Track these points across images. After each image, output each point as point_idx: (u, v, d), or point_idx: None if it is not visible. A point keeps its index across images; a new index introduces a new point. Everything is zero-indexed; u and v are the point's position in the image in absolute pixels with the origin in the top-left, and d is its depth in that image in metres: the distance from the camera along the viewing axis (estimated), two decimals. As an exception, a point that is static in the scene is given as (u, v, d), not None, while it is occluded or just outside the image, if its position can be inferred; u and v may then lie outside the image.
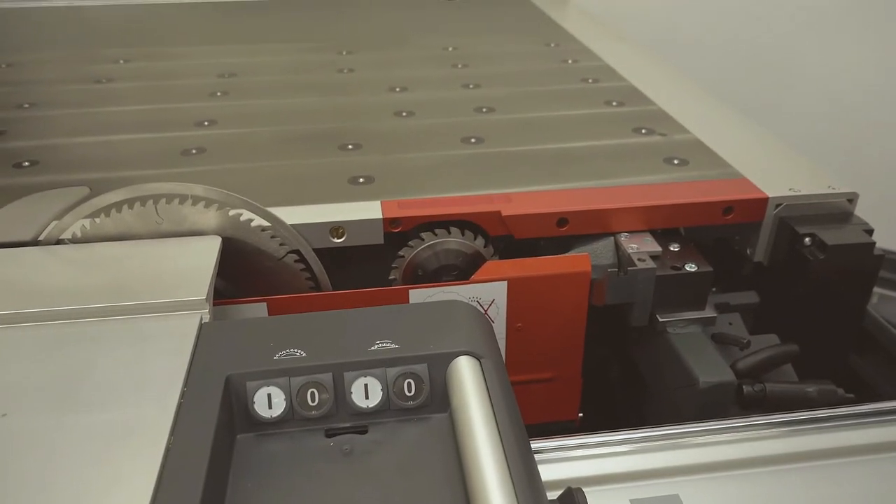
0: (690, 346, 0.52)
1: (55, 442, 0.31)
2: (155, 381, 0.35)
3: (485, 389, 0.35)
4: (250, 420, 0.35)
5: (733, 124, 0.72)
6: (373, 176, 0.59)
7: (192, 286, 0.41)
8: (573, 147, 0.65)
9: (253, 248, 0.49)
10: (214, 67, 0.86)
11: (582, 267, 0.52)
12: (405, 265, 0.54)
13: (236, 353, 0.36)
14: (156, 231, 0.47)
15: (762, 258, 0.58)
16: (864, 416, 0.44)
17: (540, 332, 0.54)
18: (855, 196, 0.57)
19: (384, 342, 0.37)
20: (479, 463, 0.31)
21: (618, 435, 0.42)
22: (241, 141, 0.67)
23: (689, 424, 0.43)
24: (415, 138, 0.67)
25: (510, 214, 0.54)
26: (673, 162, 0.62)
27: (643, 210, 0.55)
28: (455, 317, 0.39)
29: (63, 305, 0.40)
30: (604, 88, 0.80)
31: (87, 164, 0.62)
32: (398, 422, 0.36)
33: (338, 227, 0.52)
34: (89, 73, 0.85)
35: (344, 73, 0.85)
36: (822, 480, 0.40)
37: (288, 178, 0.59)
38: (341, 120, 0.72)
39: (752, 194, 0.57)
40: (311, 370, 0.35)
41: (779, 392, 0.50)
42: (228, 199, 0.48)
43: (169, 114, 0.73)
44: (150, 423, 0.32)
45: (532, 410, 0.57)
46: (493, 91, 0.79)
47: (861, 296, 0.56)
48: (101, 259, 0.45)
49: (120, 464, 0.30)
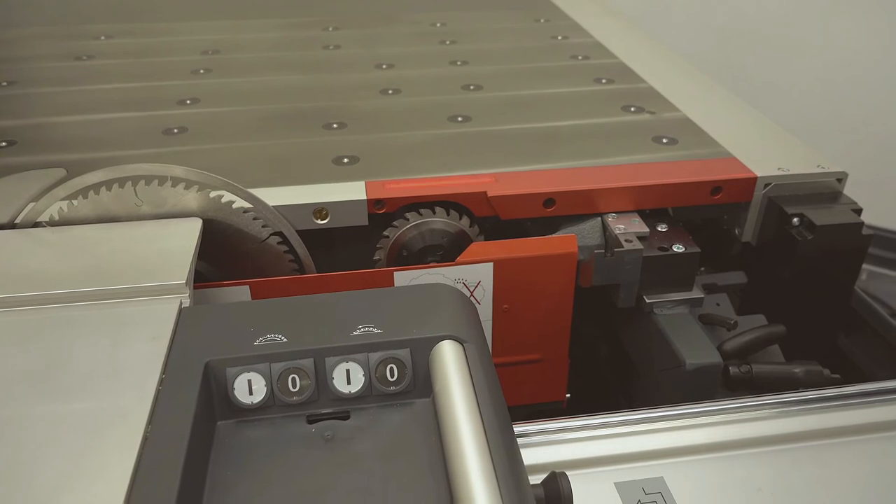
0: (677, 327, 0.52)
1: (32, 431, 0.31)
2: (133, 368, 0.34)
3: (468, 374, 0.34)
4: (231, 406, 0.34)
5: (723, 103, 0.71)
6: (357, 156, 0.58)
7: (172, 270, 0.41)
8: (561, 126, 0.65)
9: (235, 230, 0.48)
10: (198, 44, 0.85)
11: (569, 248, 0.52)
12: (390, 245, 0.54)
13: (216, 339, 0.36)
14: (135, 213, 0.46)
15: (750, 238, 0.58)
16: (849, 398, 0.44)
17: (527, 314, 0.53)
18: (844, 175, 0.57)
19: (366, 327, 0.36)
20: (460, 448, 0.31)
21: (602, 418, 0.42)
22: (223, 120, 0.66)
23: (673, 407, 0.43)
24: (401, 117, 0.66)
25: (496, 195, 0.53)
26: (662, 141, 0.61)
27: (630, 190, 0.55)
28: (438, 300, 0.39)
29: (40, 290, 0.39)
30: (593, 65, 0.79)
31: (67, 144, 0.61)
32: (380, 407, 0.36)
33: (321, 208, 0.51)
34: (70, 49, 0.83)
35: (330, 49, 0.84)
36: (807, 462, 0.40)
37: (271, 158, 0.58)
38: (326, 98, 0.70)
39: (740, 174, 0.56)
40: (291, 356, 0.35)
41: (765, 373, 0.50)
42: (209, 180, 0.47)
43: (151, 92, 0.72)
44: (127, 412, 0.32)
45: (519, 392, 0.57)
46: (480, 68, 0.78)
47: (849, 276, 0.56)
48: (79, 242, 0.44)
49: (97, 453, 0.30)
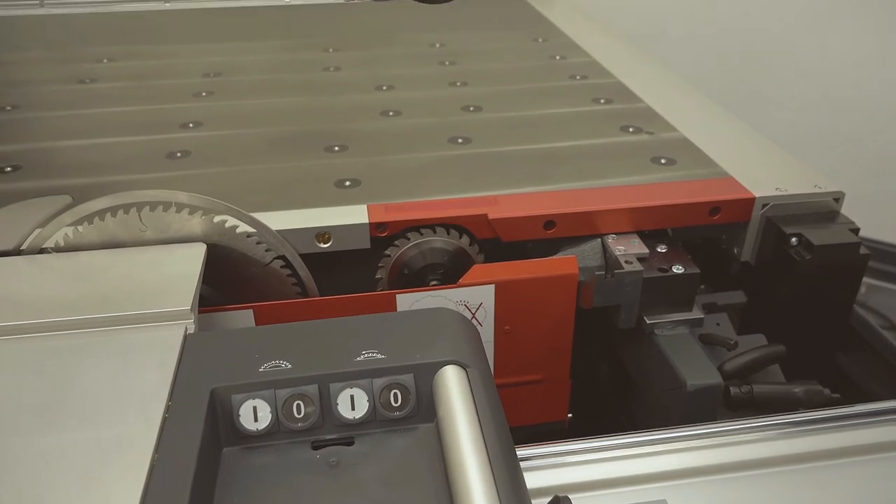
0: (678, 347, 0.52)
1: (38, 460, 0.31)
2: (139, 396, 0.34)
3: (471, 399, 0.35)
4: (236, 433, 0.35)
5: (721, 122, 0.72)
6: (359, 179, 0.59)
7: (177, 296, 0.41)
8: (560, 147, 0.65)
9: (238, 254, 0.49)
10: (200, 66, 0.86)
11: (569, 269, 0.52)
12: (391, 265, 0.54)
13: (221, 366, 0.36)
14: (140, 239, 0.47)
15: (749, 258, 0.58)
16: (850, 418, 0.44)
17: (528, 335, 0.54)
18: (841, 195, 0.58)
19: (370, 352, 0.37)
20: (464, 474, 0.31)
21: (604, 441, 0.42)
22: (226, 143, 0.66)
23: (676, 429, 0.43)
24: (401, 139, 0.67)
25: (497, 217, 0.54)
26: (660, 161, 0.62)
27: (630, 212, 0.55)
28: (441, 325, 0.39)
29: (46, 317, 0.39)
30: (591, 85, 0.80)
31: (71, 169, 0.61)
32: (385, 433, 0.36)
33: (324, 232, 0.52)
34: (72, 72, 0.84)
35: (330, 71, 0.85)
36: (807, 484, 0.41)
37: (274, 181, 0.59)
38: (327, 120, 0.71)
39: (738, 194, 0.57)
40: (296, 382, 0.35)
41: (766, 393, 0.51)
42: (213, 205, 0.48)
43: (154, 115, 0.72)
44: (134, 439, 0.32)
45: (521, 412, 0.57)
46: (480, 89, 0.79)
47: (848, 295, 0.56)
48: (85, 268, 0.44)
49: (104, 482, 0.30)
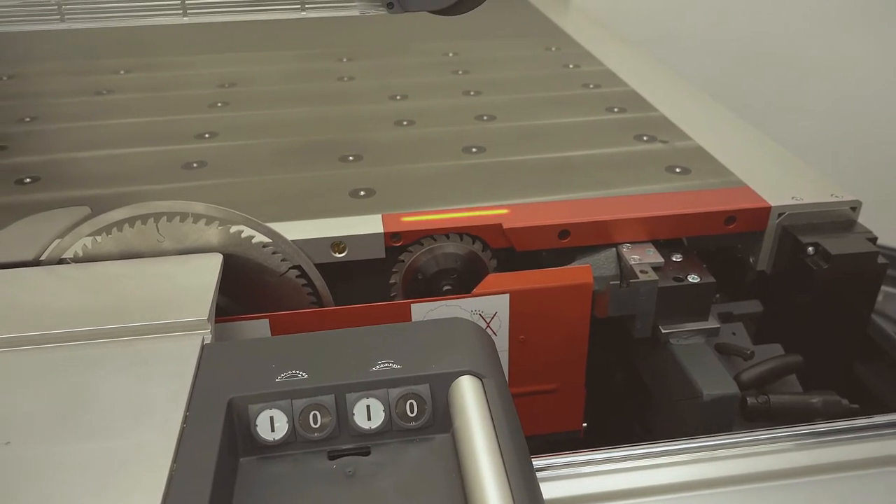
0: (694, 357, 0.52)
1: (58, 470, 0.31)
2: (157, 406, 0.35)
3: (487, 409, 0.35)
4: (253, 443, 0.35)
5: (735, 130, 0.71)
6: (373, 188, 0.59)
7: (194, 306, 0.41)
8: (574, 156, 0.65)
9: (254, 264, 0.49)
10: (215, 77, 0.86)
11: (584, 279, 0.52)
12: (405, 270, 0.54)
13: (238, 376, 0.36)
14: (157, 249, 0.47)
15: (765, 267, 0.58)
16: (868, 430, 0.43)
17: (543, 344, 0.54)
18: (858, 204, 0.57)
19: (386, 362, 0.37)
20: (481, 484, 0.31)
21: (621, 451, 0.42)
22: (241, 153, 0.67)
23: (691, 440, 0.43)
24: (415, 148, 0.67)
25: (511, 227, 0.54)
26: (675, 170, 0.62)
27: (645, 221, 0.55)
28: (457, 335, 0.39)
29: (64, 328, 0.40)
30: (605, 94, 0.80)
31: (89, 180, 0.62)
32: (401, 443, 0.36)
33: (339, 242, 0.52)
34: (90, 84, 0.85)
35: (344, 80, 0.85)
36: (825, 496, 0.40)
37: (289, 191, 0.59)
38: (342, 130, 0.71)
39: (754, 203, 0.56)
40: (312, 392, 0.35)
41: (783, 403, 0.50)
42: (229, 215, 0.48)
43: (170, 126, 0.73)
44: (152, 450, 0.32)
45: (536, 422, 0.57)
46: (493, 98, 0.79)
47: (865, 304, 0.56)
48: (103, 279, 0.45)
49: (123, 491, 0.30)
